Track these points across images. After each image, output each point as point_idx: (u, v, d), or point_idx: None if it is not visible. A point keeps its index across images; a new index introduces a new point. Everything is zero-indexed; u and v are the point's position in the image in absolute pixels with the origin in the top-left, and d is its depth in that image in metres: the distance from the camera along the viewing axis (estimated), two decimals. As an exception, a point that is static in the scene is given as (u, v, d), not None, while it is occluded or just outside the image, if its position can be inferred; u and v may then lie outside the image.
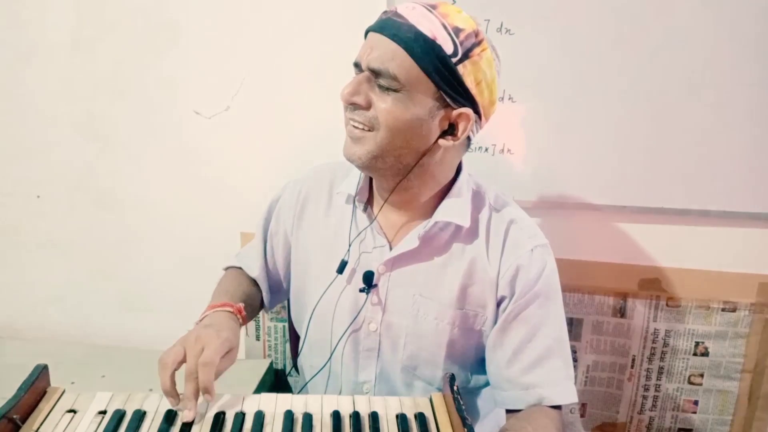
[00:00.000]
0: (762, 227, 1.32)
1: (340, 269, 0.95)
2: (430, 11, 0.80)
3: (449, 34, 0.79)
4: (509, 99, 1.28)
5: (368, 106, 0.83)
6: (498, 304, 0.93)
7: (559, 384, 0.90)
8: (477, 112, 0.85)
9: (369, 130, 0.83)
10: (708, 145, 1.26)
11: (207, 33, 1.35)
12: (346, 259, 0.95)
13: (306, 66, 1.33)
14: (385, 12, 0.84)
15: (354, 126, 0.84)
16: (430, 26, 0.79)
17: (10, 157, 1.50)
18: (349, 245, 0.95)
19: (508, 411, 0.93)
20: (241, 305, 0.92)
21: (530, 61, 1.25)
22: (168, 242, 1.51)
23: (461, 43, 0.80)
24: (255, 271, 1.07)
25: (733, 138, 1.25)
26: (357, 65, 0.85)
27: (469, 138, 0.90)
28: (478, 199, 0.95)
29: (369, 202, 0.98)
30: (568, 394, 0.90)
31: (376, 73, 0.81)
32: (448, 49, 0.79)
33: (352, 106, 0.84)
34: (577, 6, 1.22)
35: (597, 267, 1.38)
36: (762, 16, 1.18)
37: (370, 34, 0.84)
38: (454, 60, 0.79)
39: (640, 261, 1.37)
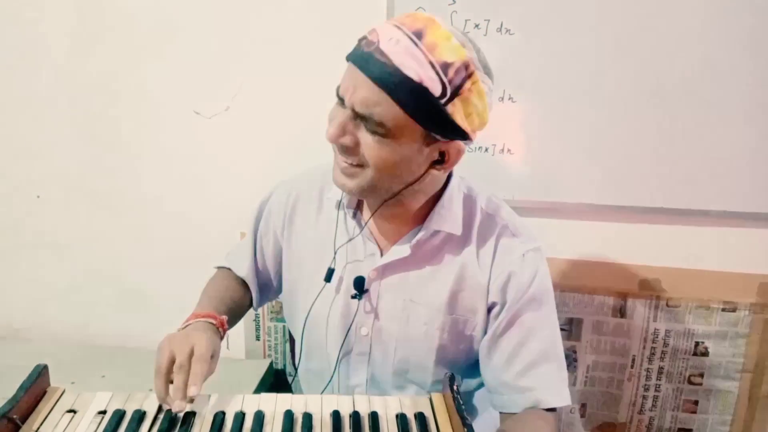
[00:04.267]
0: (762, 227, 1.32)
1: (328, 277, 0.95)
2: (416, 44, 0.73)
3: (437, 74, 0.73)
4: (509, 99, 1.28)
5: (356, 146, 0.80)
6: (489, 310, 0.92)
7: (553, 387, 0.90)
8: (466, 138, 0.82)
9: (359, 166, 0.82)
10: (708, 145, 1.26)
11: (207, 33, 1.35)
12: (332, 266, 0.95)
13: (306, 65, 1.33)
14: (365, 39, 0.77)
15: (344, 161, 0.83)
16: (416, 67, 0.73)
17: (10, 157, 1.50)
18: (335, 253, 0.95)
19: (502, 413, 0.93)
20: (224, 318, 0.92)
21: (530, 61, 1.25)
22: (168, 242, 1.51)
23: (450, 82, 0.74)
24: (243, 270, 1.07)
25: (733, 138, 1.25)
26: (340, 98, 0.80)
27: None
28: (469, 203, 0.94)
29: (359, 207, 0.97)
30: (562, 397, 0.90)
31: (360, 116, 0.78)
32: (436, 91, 0.74)
33: (339, 146, 0.82)
34: (576, 6, 1.22)
35: (597, 267, 1.38)
36: (761, 16, 1.18)
37: (352, 66, 0.78)
38: (442, 101, 0.75)
39: (640, 261, 1.37)
